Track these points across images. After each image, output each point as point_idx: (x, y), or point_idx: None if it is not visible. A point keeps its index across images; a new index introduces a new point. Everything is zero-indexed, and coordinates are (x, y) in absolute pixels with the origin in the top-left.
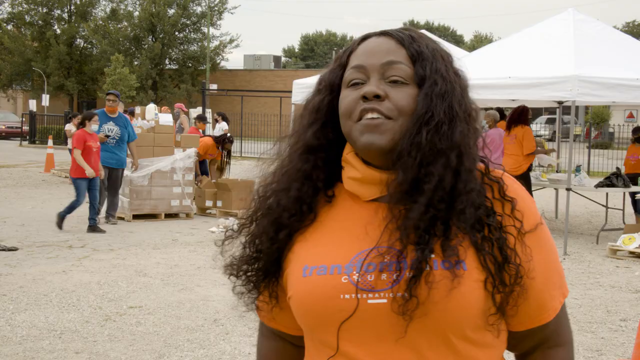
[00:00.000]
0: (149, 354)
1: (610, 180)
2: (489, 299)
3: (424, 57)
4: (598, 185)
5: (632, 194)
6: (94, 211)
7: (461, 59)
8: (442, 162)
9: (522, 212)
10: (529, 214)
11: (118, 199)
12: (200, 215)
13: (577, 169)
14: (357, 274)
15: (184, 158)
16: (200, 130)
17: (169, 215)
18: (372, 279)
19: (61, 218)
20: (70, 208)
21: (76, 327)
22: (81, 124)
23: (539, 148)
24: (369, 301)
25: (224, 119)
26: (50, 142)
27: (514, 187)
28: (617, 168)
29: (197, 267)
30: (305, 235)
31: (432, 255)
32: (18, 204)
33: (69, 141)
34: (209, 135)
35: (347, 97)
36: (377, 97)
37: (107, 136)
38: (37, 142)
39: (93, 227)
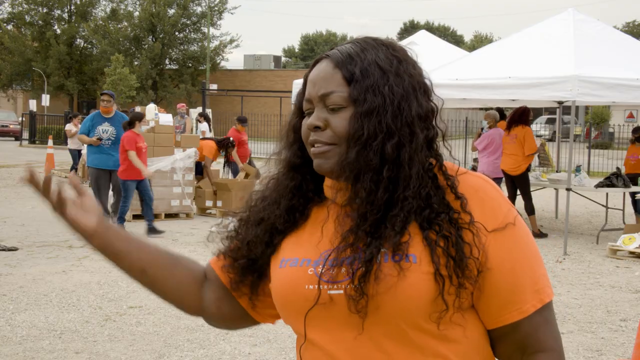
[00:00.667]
0: (149, 354)
1: (610, 180)
2: (439, 297)
3: (355, 79)
4: (598, 185)
5: (632, 194)
6: (151, 212)
7: (461, 58)
8: (370, 176)
9: (486, 207)
10: (495, 211)
11: None
12: (200, 215)
13: (577, 169)
14: (322, 267)
15: (184, 158)
16: (245, 133)
17: (169, 215)
18: (333, 272)
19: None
20: (121, 213)
21: (76, 327)
22: (130, 125)
23: (538, 145)
24: (329, 292)
25: (206, 119)
26: (50, 142)
27: (476, 182)
28: (617, 168)
29: None
30: (291, 233)
31: (383, 250)
32: (18, 204)
33: (69, 141)
34: (210, 138)
35: (303, 126)
36: (318, 127)
37: (100, 139)
38: (37, 142)
39: (152, 229)
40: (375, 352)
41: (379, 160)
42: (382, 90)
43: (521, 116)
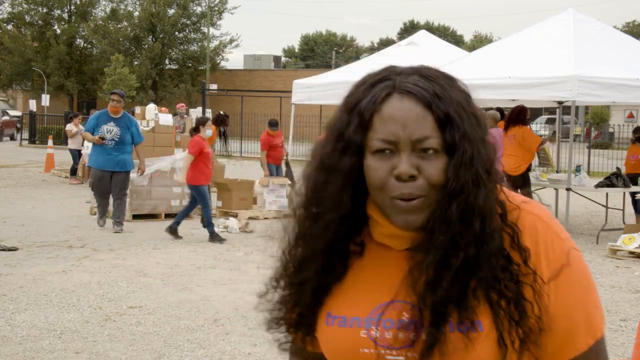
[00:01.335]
0: (149, 354)
1: (610, 180)
2: (504, 356)
3: (452, 121)
4: (598, 185)
5: (632, 194)
6: (182, 218)
7: (461, 58)
8: (469, 232)
9: (543, 250)
10: (551, 256)
11: (124, 206)
12: (200, 215)
13: (577, 169)
14: (375, 330)
15: (184, 158)
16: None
17: (169, 215)
18: (390, 337)
19: (212, 233)
20: (208, 218)
21: (76, 327)
22: (195, 130)
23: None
24: (387, 357)
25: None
26: (50, 142)
27: (530, 222)
28: (617, 168)
29: (197, 267)
30: (335, 285)
31: (448, 318)
32: (18, 204)
33: (70, 141)
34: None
35: (377, 170)
36: (412, 177)
37: (103, 139)
38: (37, 142)
39: (174, 231)
40: None
41: (471, 213)
42: (472, 138)
43: (518, 115)
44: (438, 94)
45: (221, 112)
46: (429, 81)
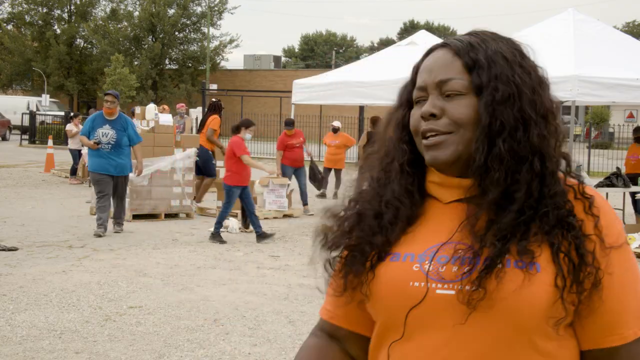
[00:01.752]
0: (149, 354)
1: (610, 180)
2: (559, 302)
3: (479, 65)
4: (598, 185)
5: (632, 194)
6: (257, 219)
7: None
8: (527, 168)
9: (604, 220)
10: (612, 227)
11: (124, 207)
12: (200, 215)
13: (577, 169)
14: (429, 264)
15: (184, 158)
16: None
17: (169, 215)
18: (443, 270)
19: (216, 234)
20: (220, 218)
21: (76, 327)
22: (237, 130)
23: None
24: (437, 291)
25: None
26: (50, 142)
27: (593, 195)
28: (617, 168)
29: (197, 267)
30: None
31: (507, 255)
32: (18, 204)
33: (70, 141)
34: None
35: (413, 116)
36: (433, 115)
37: (97, 143)
38: (37, 142)
39: (262, 235)
40: (476, 357)
41: (526, 151)
42: (512, 79)
43: None
44: (472, 43)
45: (213, 99)
46: (470, 36)
